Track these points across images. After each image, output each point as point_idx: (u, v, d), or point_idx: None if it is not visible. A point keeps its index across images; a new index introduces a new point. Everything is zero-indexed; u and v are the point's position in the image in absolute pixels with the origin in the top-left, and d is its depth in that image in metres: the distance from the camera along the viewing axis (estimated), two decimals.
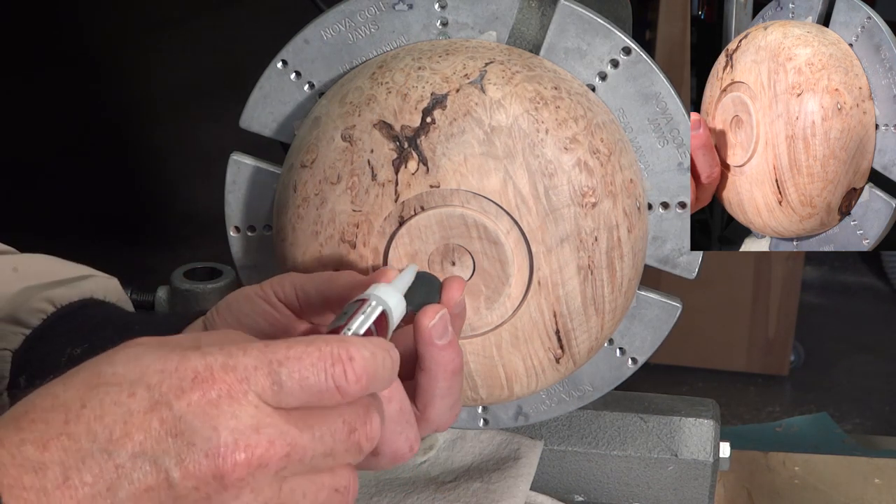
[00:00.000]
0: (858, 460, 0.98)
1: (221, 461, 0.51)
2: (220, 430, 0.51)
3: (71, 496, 0.49)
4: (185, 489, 0.51)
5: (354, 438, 0.55)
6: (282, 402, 0.53)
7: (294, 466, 0.53)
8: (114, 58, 3.43)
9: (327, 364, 0.53)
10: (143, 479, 0.50)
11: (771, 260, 2.60)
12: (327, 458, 0.54)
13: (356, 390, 0.54)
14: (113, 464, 0.50)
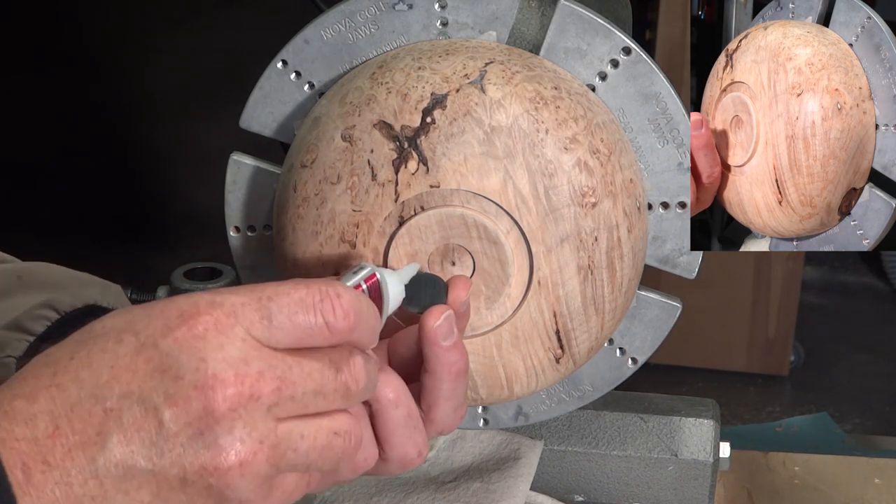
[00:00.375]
0: (858, 460, 0.98)
1: (211, 392, 0.50)
2: (207, 361, 0.51)
3: (62, 444, 0.50)
4: (176, 426, 0.50)
5: (342, 379, 0.54)
6: (271, 338, 0.52)
7: (286, 403, 0.52)
8: (114, 58, 3.43)
9: (315, 299, 0.53)
10: (133, 421, 0.50)
11: (771, 260, 2.60)
12: (318, 398, 0.53)
13: (344, 326, 0.54)
14: (101, 408, 0.50)
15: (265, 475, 0.52)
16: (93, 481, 0.50)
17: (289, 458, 0.52)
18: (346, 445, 0.55)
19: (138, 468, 0.50)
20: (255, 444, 0.51)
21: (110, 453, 0.50)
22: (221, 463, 0.50)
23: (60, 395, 0.50)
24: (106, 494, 0.50)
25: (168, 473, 0.50)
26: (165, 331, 0.51)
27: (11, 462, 0.49)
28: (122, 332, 0.52)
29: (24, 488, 0.49)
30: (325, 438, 0.54)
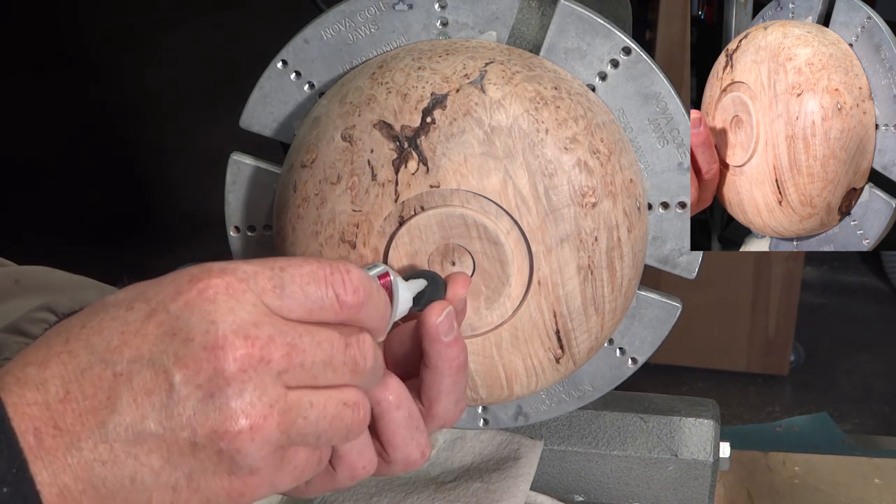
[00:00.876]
0: (858, 460, 0.98)
1: (221, 352, 0.50)
2: (217, 323, 0.50)
3: (73, 409, 0.50)
4: (186, 389, 0.50)
5: (351, 353, 0.54)
6: (283, 307, 0.53)
7: (296, 371, 0.52)
8: (114, 58, 3.43)
9: (326, 272, 0.54)
10: (143, 384, 0.50)
11: (771, 260, 2.60)
12: (327, 369, 0.53)
13: (353, 301, 0.54)
14: (111, 372, 0.50)
15: (275, 442, 0.51)
16: (103, 445, 0.50)
17: (299, 425, 0.52)
18: (355, 417, 0.55)
19: (148, 432, 0.50)
20: (265, 408, 0.51)
21: (120, 417, 0.50)
22: (231, 426, 0.50)
23: (71, 360, 0.50)
24: (116, 459, 0.50)
25: (178, 437, 0.50)
26: (175, 295, 0.51)
27: (24, 427, 0.49)
28: (133, 300, 0.52)
29: (36, 453, 0.49)
30: (334, 408, 0.54)
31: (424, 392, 0.63)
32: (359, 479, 0.61)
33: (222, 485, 0.51)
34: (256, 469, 0.51)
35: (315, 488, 0.62)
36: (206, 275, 0.52)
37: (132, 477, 0.50)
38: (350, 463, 0.60)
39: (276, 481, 0.53)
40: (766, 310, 2.66)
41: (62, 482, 0.49)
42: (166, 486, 0.51)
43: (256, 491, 0.52)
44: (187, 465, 0.50)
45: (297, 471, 0.54)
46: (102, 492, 0.50)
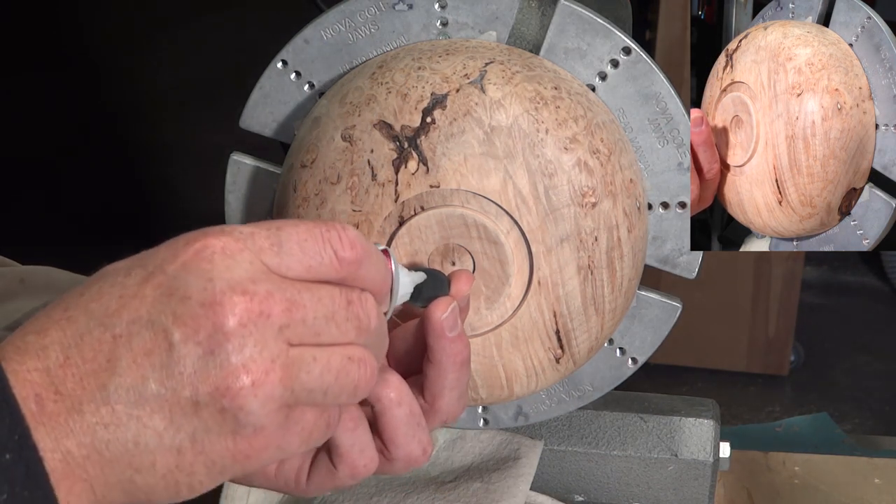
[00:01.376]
0: (858, 460, 0.98)
1: (220, 308, 0.50)
2: (214, 280, 0.50)
3: (73, 374, 0.49)
4: (185, 347, 0.49)
5: (353, 310, 0.54)
6: (281, 264, 0.52)
7: (297, 326, 0.51)
8: (114, 58, 3.43)
9: (323, 229, 0.54)
10: (142, 345, 0.50)
11: (771, 260, 2.60)
12: (330, 325, 0.53)
13: (352, 256, 0.54)
14: (110, 335, 0.50)
15: (279, 399, 0.51)
16: (105, 408, 0.49)
17: (302, 380, 0.51)
18: (361, 372, 0.54)
19: (150, 392, 0.49)
20: (266, 363, 0.50)
21: (121, 379, 0.49)
22: (233, 383, 0.50)
23: (70, 326, 0.50)
24: (119, 421, 0.49)
25: (180, 396, 0.50)
26: (172, 258, 0.51)
27: (25, 393, 0.49)
28: (130, 267, 0.52)
29: (38, 419, 0.49)
30: (338, 362, 0.53)
31: (428, 388, 0.63)
32: (360, 478, 0.61)
33: (227, 446, 0.51)
34: (260, 427, 0.51)
35: (316, 487, 0.62)
36: (203, 236, 0.51)
37: (135, 440, 0.50)
38: (351, 461, 0.60)
39: (283, 443, 0.52)
40: (766, 310, 2.66)
41: (65, 447, 0.49)
42: (170, 448, 0.50)
43: (262, 453, 0.52)
44: (190, 426, 0.50)
45: (304, 433, 0.53)
46: (106, 456, 0.50)
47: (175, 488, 0.51)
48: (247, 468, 0.52)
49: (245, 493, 0.87)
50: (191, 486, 0.51)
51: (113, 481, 0.50)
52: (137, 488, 0.51)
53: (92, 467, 0.50)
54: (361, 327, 0.54)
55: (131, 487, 0.50)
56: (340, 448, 0.60)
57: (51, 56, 3.37)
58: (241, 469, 0.52)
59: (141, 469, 0.50)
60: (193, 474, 0.51)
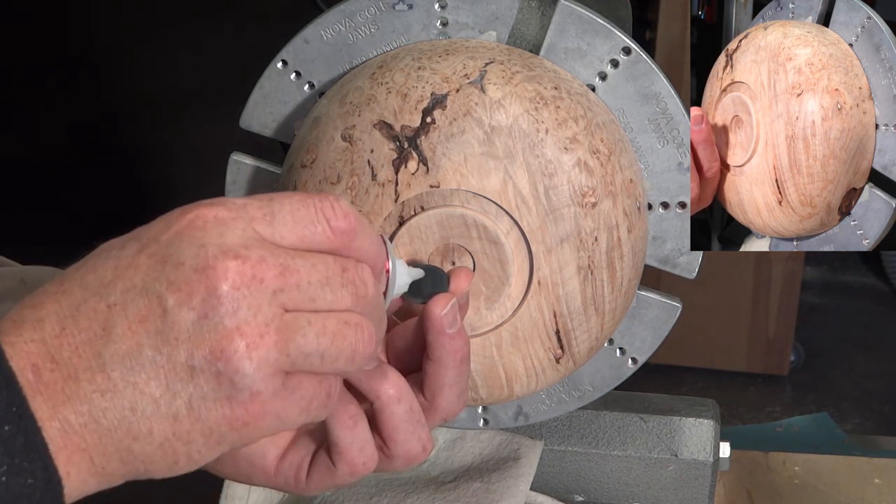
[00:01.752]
0: (858, 460, 0.98)
1: (212, 271, 0.50)
2: (207, 246, 0.50)
3: (69, 343, 0.50)
4: (180, 312, 0.50)
5: (349, 276, 0.54)
6: (275, 233, 0.52)
7: (292, 291, 0.51)
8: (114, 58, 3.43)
9: (315, 200, 0.54)
10: (137, 312, 0.50)
11: (771, 260, 2.60)
12: (325, 290, 0.53)
13: (345, 226, 0.54)
14: (105, 304, 0.50)
15: (274, 362, 0.51)
16: (101, 375, 0.49)
17: (298, 342, 0.51)
18: (359, 336, 0.53)
19: (145, 358, 0.50)
20: (261, 327, 0.50)
21: (116, 346, 0.50)
22: (228, 345, 0.50)
23: (66, 298, 0.50)
24: (115, 388, 0.49)
25: (175, 362, 0.50)
26: (166, 229, 0.51)
27: (21, 364, 0.49)
28: (125, 240, 0.52)
29: (35, 388, 0.49)
30: (334, 325, 0.53)
31: (427, 385, 0.62)
32: (359, 476, 0.61)
33: (223, 412, 0.50)
34: (256, 392, 0.50)
35: (315, 485, 0.62)
36: (195, 207, 0.52)
37: (132, 407, 0.50)
38: (350, 459, 0.60)
39: (282, 412, 0.52)
40: (766, 310, 2.65)
41: (63, 416, 0.49)
42: (167, 415, 0.50)
43: (260, 421, 0.51)
44: (186, 392, 0.50)
45: (303, 401, 0.53)
46: (104, 424, 0.50)
47: (173, 457, 0.51)
48: (245, 437, 0.52)
49: (245, 493, 0.87)
50: (189, 455, 0.51)
51: (111, 450, 0.50)
52: (135, 458, 0.50)
53: (90, 436, 0.50)
54: (358, 294, 0.54)
55: (129, 457, 0.50)
56: (339, 446, 0.60)
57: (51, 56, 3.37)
58: (240, 438, 0.52)
59: (138, 437, 0.50)
60: (191, 443, 0.51)
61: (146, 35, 3.40)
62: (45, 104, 3.29)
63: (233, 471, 0.63)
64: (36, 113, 3.27)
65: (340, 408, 0.59)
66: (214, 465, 0.63)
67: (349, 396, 0.60)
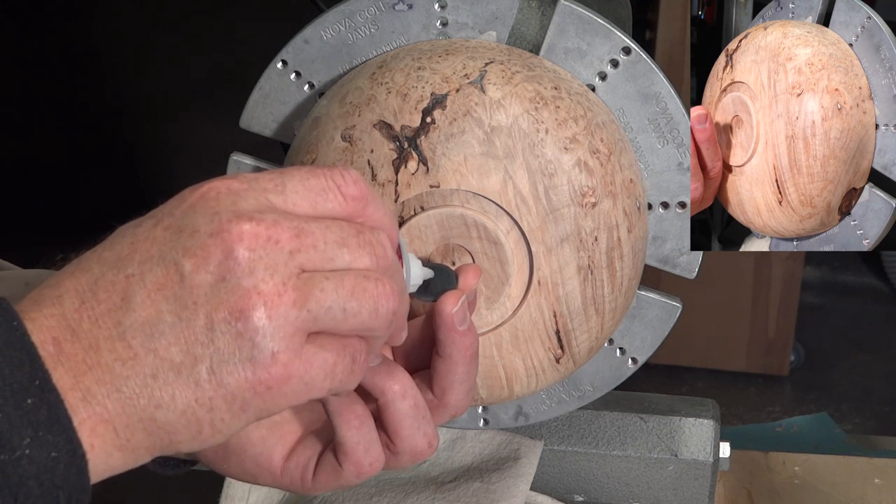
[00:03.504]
0: (858, 460, 0.98)
1: (227, 235, 0.50)
2: (220, 213, 0.51)
3: (88, 316, 0.50)
4: (197, 276, 0.50)
5: (365, 238, 0.53)
6: (287, 201, 0.52)
7: (308, 251, 0.51)
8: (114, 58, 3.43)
9: (324, 170, 0.54)
10: (155, 280, 0.50)
11: (771, 260, 2.60)
12: (342, 251, 0.52)
13: (355, 192, 0.54)
14: (123, 276, 0.50)
15: (294, 321, 0.50)
16: (120, 343, 0.49)
17: (317, 298, 0.51)
18: (380, 289, 0.53)
19: (165, 324, 0.50)
20: (278, 286, 0.50)
21: (135, 314, 0.50)
22: (246, 304, 0.49)
23: (84, 275, 0.51)
24: (136, 356, 0.49)
25: (195, 326, 0.50)
26: (180, 203, 0.52)
27: (42, 338, 0.49)
28: (141, 220, 0.53)
29: (57, 359, 0.49)
30: (352, 280, 0.52)
31: (437, 382, 0.62)
32: (366, 477, 0.61)
33: (246, 376, 0.50)
34: (277, 352, 0.50)
35: (321, 485, 0.62)
36: (208, 181, 0.52)
37: (154, 374, 0.50)
38: (356, 459, 0.60)
39: (306, 375, 0.51)
40: (766, 310, 2.65)
41: (84, 386, 0.49)
42: (188, 380, 0.50)
43: (284, 384, 0.51)
44: (207, 356, 0.50)
45: (327, 364, 0.52)
46: (126, 392, 0.49)
47: (197, 426, 0.50)
48: (269, 403, 0.51)
49: (245, 494, 0.87)
50: (212, 423, 0.50)
51: (135, 420, 0.50)
52: (159, 427, 0.50)
53: (112, 405, 0.49)
54: (376, 255, 0.54)
55: (153, 426, 0.50)
56: (346, 446, 0.60)
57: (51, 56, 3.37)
58: (264, 404, 0.51)
59: (161, 404, 0.50)
60: (214, 410, 0.50)
61: (146, 35, 3.40)
62: (46, 104, 3.29)
63: (239, 471, 0.63)
64: (36, 112, 3.27)
65: (346, 408, 0.59)
66: (221, 465, 0.63)
67: (355, 397, 0.60)
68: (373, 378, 0.60)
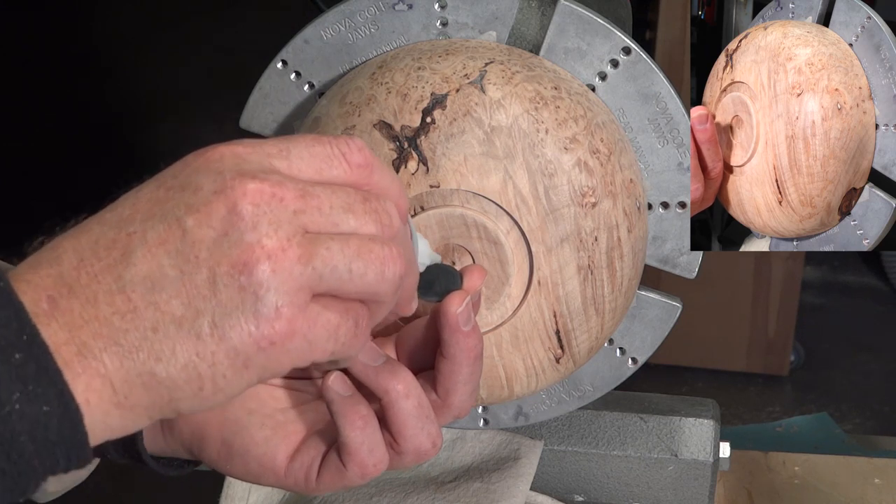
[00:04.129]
0: (858, 460, 0.98)
1: (230, 192, 0.49)
2: (224, 172, 0.50)
3: (87, 272, 0.49)
4: (200, 231, 0.49)
5: (371, 205, 0.53)
6: (291, 167, 0.52)
7: (313, 213, 0.51)
8: (114, 58, 3.43)
9: (329, 138, 0.54)
10: (157, 236, 0.49)
11: (771, 260, 2.60)
12: (348, 216, 0.52)
13: (361, 159, 0.53)
14: (125, 233, 0.50)
15: (299, 276, 0.50)
16: (120, 297, 0.49)
17: (322, 256, 0.50)
18: (385, 252, 0.52)
19: (166, 278, 0.49)
20: (282, 241, 0.49)
21: (136, 268, 0.49)
22: (250, 258, 0.49)
23: (84, 235, 0.50)
24: (136, 310, 0.49)
25: (196, 280, 0.49)
26: (184, 167, 0.51)
27: (36, 296, 0.48)
28: (143, 184, 0.52)
29: (51, 315, 0.48)
30: (358, 242, 0.51)
31: (441, 383, 0.62)
32: (369, 477, 0.60)
33: (249, 329, 0.49)
34: (281, 307, 0.49)
35: (325, 486, 0.61)
36: (212, 146, 0.52)
37: (154, 327, 0.49)
38: (360, 460, 0.60)
39: (309, 334, 0.50)
40: (766, 310, 2.65)
41: (80, 340, 0.48)
42: (190, 333, 0.49)
43: (288, 341, 0.50)
44: (209, 309, 0.49)
45: (330, 325, 0.51)
46: (124, 345, 0.48)
47: (198, 382, 0.49)
48: (272, 361, 0.50)
49: (245, 494, 0.87)
50: (214, 379, 0.49)
51: (133, 375, 0.49)
52: (159, 382, 0.49)
53: (110, 360, 0.48)
54: (382, 223, 0.53)
55: (152, 382, 0.49)
56: (350, 446, 0.59)
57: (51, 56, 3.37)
58: (266, 360, 0.50)
59: (161, 358, 0.49)
60: (216, 365, 0.49)
61: (146, 35, 3.40)
62: (46, 104, 3.29)
63: (243, 471, 0.63)
64: (36, 112, 3.27)
65: (350, 408, 0.59)
66: (224, 465, 0.63)
67: (359, 397, 0.60)
68: (376, 377, 0.60)
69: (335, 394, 0.59)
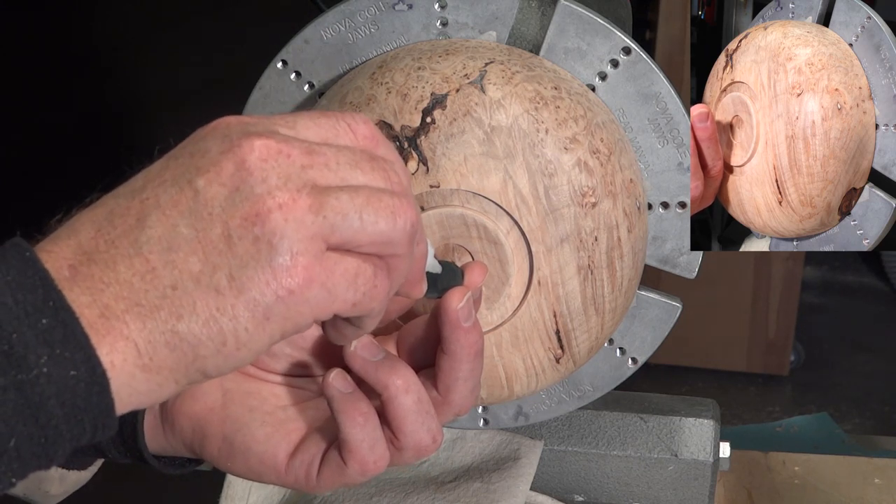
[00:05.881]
0: (858, 460, 0.98)
1: (238, 150, 0.50)
2: (231, 136, 0.51)
3: (104, 240, 0.50)
4: (211, 190, 0.50)
5: (379, 164, 0.53)
6: (298, 135, 0.53)
7: (321, 169, 0.51)
8: (114, 58, 3.43)
9: (334, 112, 0.55)
10: (169, 199, 0.50)
11: (771, 260, 2.60)
12: (355, 171, 0.52)
13: (366, 131, 0.54)
14: (138, 201, 0.51)
15: (312, 225, 0.50)
16: (138, 259, 0.49)
17: (332, 205, 0.51)
18: (395, 202, 0.52)
19: (181, 237, 0.50)
20: (292, 192, 0.50)
21: (151, 231, 0.50)
22: (262, 209, 0.49)
23: (99, 209, 0.51)
24: (154, 270, 0.49)
25: (212, 235, 0.50)
26: (192, 139, 0.52)
27: (58, 265, 0.49)
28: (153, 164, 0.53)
29: (73, 280, 0.49)
30: (367, 192, 0.52)
31: (441, 380, 0.62)
32: (370, 475, 0.61)
33: (266, 279, 0.50)
34: (297, 254, 0.50)
35: (326, 483, 0.61)
36: (217, 120, 0.53)
37: (173, 285, 0.49)
38: (361, 457, 0.60)
39: (328, 282, 0.51)
40: (766, 310, 2.66)
41: (102, 303, 0.49)
42: (208, 288, 0.49)
43: (307, 289, 0.50)
44: (226, 263, 0.50)
45: (349, 274, 0.51)
46: (145, 305, 0.49)
47: (220, 337, 0.50)
48: (292, 310, 0.50)
49: (245, 494, 0.87)
50: (236, 333, 0.50)
51: (156, 335, 0.49)
52: (182, 339, 0.50)
53: (132, 320, 0.49)
54: (391, 180, 0.53)
55: (175, 340, 0.50)
56: (350, 443, 0.59)
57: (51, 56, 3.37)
58: (287, 311, 0.50)
59: (182, 315, 0.49)
60: (237, 318, 0.50)
61: (146, 35, 3.40)
62: (46, 103, 3.29)
63: (244, 469, 0.63)
64: (36, 112, 3.27)
65: (351, 405, 0.59)
66: (226, 463, 0.63)
67: (360, 394, 0.60)
68: (376, 373, 0.60)
69: (336, 391, 0.59)
